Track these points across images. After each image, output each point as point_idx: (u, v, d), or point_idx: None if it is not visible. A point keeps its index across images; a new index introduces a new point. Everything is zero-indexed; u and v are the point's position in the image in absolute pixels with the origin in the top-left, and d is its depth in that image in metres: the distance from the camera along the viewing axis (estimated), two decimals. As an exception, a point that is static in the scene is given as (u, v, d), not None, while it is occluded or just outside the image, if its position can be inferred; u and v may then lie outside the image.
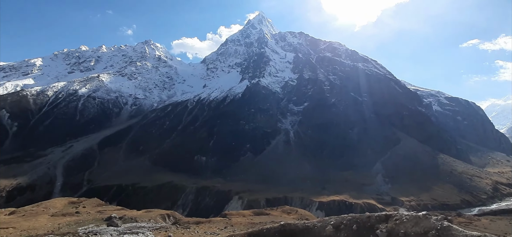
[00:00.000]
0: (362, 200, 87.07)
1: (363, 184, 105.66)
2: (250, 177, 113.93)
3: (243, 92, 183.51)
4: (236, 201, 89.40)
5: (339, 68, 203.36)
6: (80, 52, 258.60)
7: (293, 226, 8.39)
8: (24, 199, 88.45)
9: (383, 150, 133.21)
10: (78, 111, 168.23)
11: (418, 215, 6.75)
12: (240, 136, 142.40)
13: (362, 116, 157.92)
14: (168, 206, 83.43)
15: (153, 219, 28.24)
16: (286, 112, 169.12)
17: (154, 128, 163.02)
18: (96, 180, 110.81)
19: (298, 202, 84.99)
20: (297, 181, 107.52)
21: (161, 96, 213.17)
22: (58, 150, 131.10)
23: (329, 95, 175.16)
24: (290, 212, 37.67)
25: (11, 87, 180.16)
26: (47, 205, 35.31)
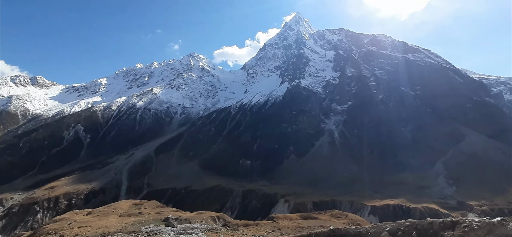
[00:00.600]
0: (421, 204, 78.84)
1: (422, 186, 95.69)
2: (295, 179, 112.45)
3: (284, 95, 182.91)
4: (282, 204, 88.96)
5: (385, 62, 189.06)
6: (136, 69, 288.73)
7: (344, 231, 8.11)
8: (98, 201, 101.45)
9: (444, 148, 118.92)
10: (136, 122, 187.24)
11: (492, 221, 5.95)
12: (283, 138, 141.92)
13: (416, 112, 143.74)
14: (217, 208, 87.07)
15: (204, 220, 29.92)
16: (329, 113, 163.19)
17: (201, 134, 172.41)
18: (154, 183, 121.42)
19: (347, 206, 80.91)
20: (346, 184, 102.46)
21: (206, 104, 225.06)
22: (122, 157, 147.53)
23: (376, 92, 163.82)
24: (340, 217, 36.13)
25: (84, 105, 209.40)
26: (116, 207, 40.04)
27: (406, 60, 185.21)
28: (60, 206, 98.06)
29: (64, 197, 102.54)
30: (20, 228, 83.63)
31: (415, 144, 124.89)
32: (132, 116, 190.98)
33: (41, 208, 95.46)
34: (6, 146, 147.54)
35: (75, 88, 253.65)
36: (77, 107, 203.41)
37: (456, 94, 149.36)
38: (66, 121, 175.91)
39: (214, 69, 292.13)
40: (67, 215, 36.36)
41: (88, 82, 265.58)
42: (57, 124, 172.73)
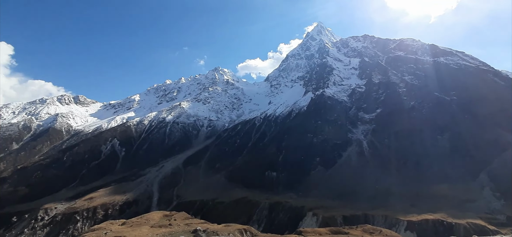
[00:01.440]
0: (465, 220, 72.26)
1: (464, 200, 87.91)
2: (323, 192, 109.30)
3: (308, 105, 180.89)
4: (310, 217, 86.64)
5: (415, 67, 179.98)
6: (165, 85, 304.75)
7: (374, 247, 8.01)
8: (131, 212, 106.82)
9: (487, 157, 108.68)
10: (166, 135, 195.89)
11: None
12: (308, 149, 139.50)
13: (453, 119, 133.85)
14: (244, 220, 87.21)
15: (232, 233, 30.39)
16: (356, 122, 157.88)
17: (227, 146, 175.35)
18: (183, 195, 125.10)
19: (381, 221, 76.65)
20: (378, 197, 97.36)
21: (231, 116, 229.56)
22: (153, 169, 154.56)
23: (406, 98, 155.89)
24: (373, 232, 34.57)
25: (119, 120, 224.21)
26: (148, 218, 42.07)
27: (438, 64, 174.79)
28: (97, 216, 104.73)
29: (101, 208, 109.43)
30: (62, 235, 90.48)
31: (454, 154, 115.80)
32: (162, 130, 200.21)
33: (81, 217, 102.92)
34: (52, 160, 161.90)
35: (111, 105, 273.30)
36: (114, 123, 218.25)
37: (498, 98, 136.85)
38: (103, 136, 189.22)
39: (238, 82, 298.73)
40: (104, 225, 38.95)
41: (123, 99, 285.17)
42: (96, 139, 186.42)
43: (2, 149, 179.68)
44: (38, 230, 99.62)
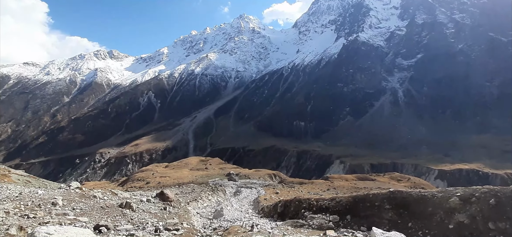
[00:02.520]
0: (503, 171, 67.99)
1: (506, 150, 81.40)
2: (351, 141, 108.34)
3: (339, 52, 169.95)
4: (338, 165, 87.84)
5: (469, 2, 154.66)
6: (191, 36, 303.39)
7: (406, 194, 7.66)
8: (171, 156, 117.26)
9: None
10: (196, 87, 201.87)
11: None
12: (338, 99, 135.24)
13: (507, 63, 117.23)
14: (273, 167, 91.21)
15: (262, 177, 31.95)
16: (392, 69, 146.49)
17: (255, 97, 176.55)
18: (216, 143, 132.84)
19: (410, 170, 75.29)
20: (410, 146, 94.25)
21: (258, 66, 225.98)
22: (187, 120, 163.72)
23: (453, 41, 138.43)
24: (401, 180, 34.09)
25: (152, 74, 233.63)
26: (187, 162, 45.78)
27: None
28: (144, 159, 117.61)
29: (146, 153, 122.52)
30: (117, 174, 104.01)
31: (503, 102, 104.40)
32: (192, 82, 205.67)
33: (130, 160, 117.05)
34: (99, 111, 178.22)
35: (143, 59, 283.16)
36: (147, 76, 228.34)
37: None
38: (140, 89, 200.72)
39: (264, 30, 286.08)
40: (150, 167, 43.49)
41: (152, 52, 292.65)
42: (133, 91, 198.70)
43: (56, 102, 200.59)
44: (98, 170, 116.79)
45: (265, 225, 8.98)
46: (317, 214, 8.96)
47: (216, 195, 16.60)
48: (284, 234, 6.45)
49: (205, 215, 12.12)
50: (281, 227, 8.16)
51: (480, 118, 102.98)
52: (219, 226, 9.91)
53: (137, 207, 9.65)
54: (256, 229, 7.62)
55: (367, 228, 7.24)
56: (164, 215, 9.59)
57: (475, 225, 5.84)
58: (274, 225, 9.07)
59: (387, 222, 7.29)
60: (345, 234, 6.57)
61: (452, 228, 6.11)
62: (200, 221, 11.04)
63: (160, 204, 11.05)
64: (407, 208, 7.30)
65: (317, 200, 9.95)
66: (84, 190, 10.63)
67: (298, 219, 9.16)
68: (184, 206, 12.06)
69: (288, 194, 18.08)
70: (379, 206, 7.90)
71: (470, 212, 6.04)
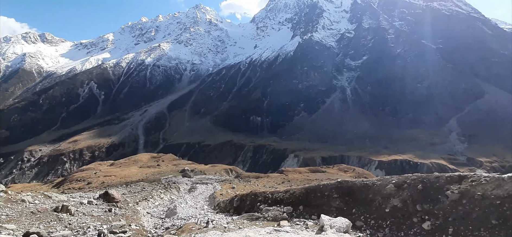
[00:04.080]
0: (429, 160, 79.58)
1: (432, 143, 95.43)
2: (305, 136, 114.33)
3: (295, 50, 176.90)
4: (292, 159, 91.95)
5: (407, 12, 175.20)
6: (141, 23, 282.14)
7: (351, 183, 8.40)
8: (118, 154, 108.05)
9: (460, 104, 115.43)
10: (147, 79, 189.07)
11: (502, 177, 5.97)
12: (293, 95, 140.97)
13: (435, 67, 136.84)
14: (229, 162, 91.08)
15: (218, 172, 31.64)
16: (342, 68, 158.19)
17: (212, 91, 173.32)
18: (169, 138, 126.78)
19: (355, 161, 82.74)
20: (355, 140, 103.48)
21: (215, 60, 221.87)
22: (136, 113, 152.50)
23: (393, 46, 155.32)
24: (347, 170, 37.24)
25: (94, 62, 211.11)
26: (136, 159, 42.63)
27: (431, 9, 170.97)
28: (84, 157, 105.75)
29: (87, 150, 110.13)
30: (52, 175, 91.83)
31: (430, 101, 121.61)
32: (142, 73, 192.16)
33: (68, 158, 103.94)
34: (28, 103, 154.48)
35: (83, 45, 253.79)
36: (88, 65, 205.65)
37: (482, 47, 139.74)
38: (79, 78, 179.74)
39: (222, 23, 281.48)
40: (93, 165, 39.29)
41: (95, 38, 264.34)
42: (71, 81, 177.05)
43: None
44: (27, 171, 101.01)
45: (221, 221, 8.90)
46: (272, 207, 9.23)
47: (169, 193, 15.86)
48: (240, 228, 6.47)
49: (156, 215, 11.47)
50: (237, 221, 8.17)
51: (412, 115, 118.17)
52: (172, 225, 9.48)
53: (77, 211, 8.66)
54: (211, 225, 7.48)
55: (318, 216, 7.70)
56: (109, 217, 8.79)
57: (406, 207, 6.70)
58: (230, 219, 9.04)
59: (335, 210, 7.92)
60: (297, 223, 6.92)
61: (388, 211, 6.92)
62: (151, 221, 10.42)
63: (104, 206, 10.09)
64: (352, 196, 8.02)
65: (272, 193, 10.23)
66: (10, 194, 9.13)
67: (254, 212, 9.30)
68: (132, 207, 11.23)
69: (244, 189, 18.24)
70: (328, 196, 8.53)
71: (403, 197, 6.92)
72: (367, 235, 6.61)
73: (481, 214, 5.58)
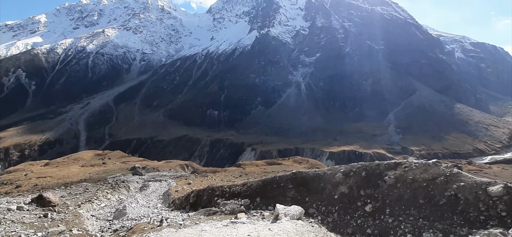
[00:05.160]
0: (372, 150, 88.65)
1: (374, 134, 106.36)
2: (262, 129, 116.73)
3: (252, 44, 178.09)
4: (249, 152, 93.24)
5: (355, 14, 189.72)
6: (81, 6, 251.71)
7: (305, 173, 8.87)
8: (54, 152, 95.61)
9: (397, 100, 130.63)
10: (89, 68, 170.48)
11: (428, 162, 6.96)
12: (251, 89, 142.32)
13: (377, 67, 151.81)
14: (185, 157, 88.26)
15: (173, 168, 30.35)
16: (297, 64, 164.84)
17: (165, 83, 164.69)
18: (117, 134, 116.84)
19: (309, 153, 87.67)
20: (309, 133, 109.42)
21: (169, 50, 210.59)
22: (76, 106, 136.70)
23: (343, 45, 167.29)
24: (301, 162, 39.23)
25: (22, 47, 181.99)
26: (76, 157, 38.29)
27: (375, 13, 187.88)
28: (11, 157, 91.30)
29: (15, 148, 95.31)
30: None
31: (373, 97, 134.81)
32: (83, 61, 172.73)
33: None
34: None
35: (9, 27, 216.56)
36: (15, 50, 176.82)
37: (415, 50, 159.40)
38: (3, 65, 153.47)
39: (175, 11, 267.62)
40: (22, 166, 34.06)
41: (23, 19, 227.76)
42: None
43: None
44: None
45: (176, 218, 8.56)
46: (229, 200, 9.24)
47: (118, 193, 14.66)
48: (196, 223, 6.31)
49: (103, 217, 10.50)
50: (193, 217, 7.96)
51: (358, 109, 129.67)
52: (122, 226, 8.79)
53: (4, 218, 7.42)
54: (165, 223, 7.15)
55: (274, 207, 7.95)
56: (44, 224, 7.73)
57: (352, 193, 7.37)
58: (186, 216, 8.76)
59: (290, 199, 8.29)
60: (254, 215, 7.07)
61: (337, 198, 7.53)
62: (97, 224, 9.50)
63: (38, 211, 8.85)
64: (305, 185, 8.50)
65: (230, 186, 10.23)
66: None
67: (211, 207, 9.18)
68: (73, 210, 10.08)
69: (201, 184, 17.86)
70: (284, 186, 8.88)
71: (349, 184, 7.58)
72: (318, 221, 7.09)
73: (412, 195, 6.42)
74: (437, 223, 5.62)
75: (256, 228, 5.13)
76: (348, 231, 6.65)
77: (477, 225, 5.22)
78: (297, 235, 4.77)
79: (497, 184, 5.57)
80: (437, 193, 6.12)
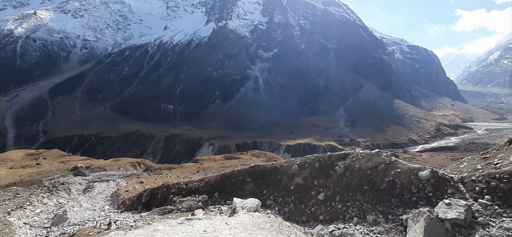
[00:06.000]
0: (325, 142, 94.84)
1: (327, 128, 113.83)
2: (220, 124, 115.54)
3: (210, 37, 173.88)
4: (207, 147, 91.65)
5: (310, 12, 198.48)
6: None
7: (262, 167, 9.06)
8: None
9: (347, 96, 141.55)
10: (17, 55, 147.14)
11: (371, 152, 7.69)
12: (208, 83, 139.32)
13: (330, 64, 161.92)
14: (137, 154, 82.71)
15: (122, 167, 28.19)
16: (255, 59, 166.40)
17: (112, 74, 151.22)
18: (54, 130, 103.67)
19: (266, 146, 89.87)
20: (266, 127, 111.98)
21: (116, 38, 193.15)
22: (3, 99, 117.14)
23: (299, 42, 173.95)
24: (259, 155, 40.03)
25: None
26: (3, 158, 32.98)
27: (328, 13, 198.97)
28: None
29: None
30: None
31: (326, 92, 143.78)
32: (10, 47, 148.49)
33: None
34: None
35: None
36: None
37: (362, 50, 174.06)
38: None
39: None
40: None
41: None
42: None
43: None
44: None
45: (127, 219, 7.97)
46: (186, 197, 8.96)
47: (56, 196, 13.01)
48: (149, 224, 5.96)
49: (38, 224, 9.22)
50: (146, 218, 7.52)
51: (312, 104, 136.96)
52: (62, 233, 7.83)
53: None
54: (114, 226, 6.58)
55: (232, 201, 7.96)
56: (-42, 238, 6.46)
57: (306, 183, 7.79)
58: (138, 217, 8.24)
59: (248, 193, 8.39)
60: (212, 210, 6.99)
61: (293, 188, 7.88)
62: (31, 233, 8.31)
63: (-52, 224, 7.34)
64: (263, 178, 8.69)
65: (187, 183, 9.91)
66: None
67: (166, 206, 8.80)
68: (2, 218, 8.65)
69: (155, 182, 16.96)
70: (242, 180, 8.94)
71: (304, 175, 7.99)
72: (275, 211, 7.32)
73: (358, 182, 7.05)
74: (378, 206, 6.26)
75: (212, 223, 5.07)
76: (302, 219, 7.02)
77: (410, 205, 5.96)
78: (254, 226, 4.84)
79: (425, 169, 6.43)
80: (379, 179, 6.82)
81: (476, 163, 7.25)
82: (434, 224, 4.82)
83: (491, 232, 4.69)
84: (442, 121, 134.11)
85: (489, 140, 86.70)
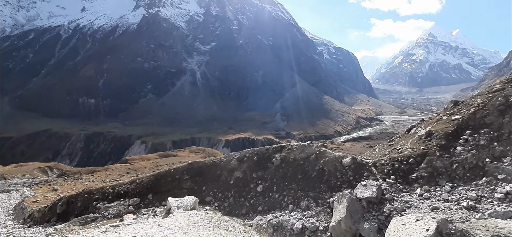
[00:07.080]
0: (262, 136, 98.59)
1: (264, 122, 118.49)
2: (153, 120, 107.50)
3: (139, 24, 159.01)
4: (139, 145, 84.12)
5: (248, 8, 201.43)
6: None
7: (201, 163, 8.81)
8: None
9: (282, 91, 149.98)
10: None
11: (304, 144, 8.34)
12: (138, 75, 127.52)
13: (267, 60, 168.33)
14: (48, 158, 70.20)
15: (29, 173, 23.48)
16: (192, 51, 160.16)
17: (12, 61, 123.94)
18: None
19: (205, 142, 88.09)
20: (205, 122, 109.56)
21: (16, 18, 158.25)
22: None
23: (237, 36, 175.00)
24: (198, 152, 38.93)
25: None
26: None
27: (265, 11, 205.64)
28: None
29: None
30: None
31: (263, 87, 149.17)
32: None
33: None
34: None
35: None
36: None
37: (296, 48, 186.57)
38: None
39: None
40: None
41: None
42: None
43: None
44: None
45: (37, 235, 6.69)
46: (114, 202, 8.02)
47: None
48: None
49: None
50: (62, 230, 6.43)
51: (251, 99, 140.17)
52: None
53: None
54: (17, 246, 5.40)
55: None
56: None
57: (245, 177, 7.93)
58: (51, 230, 7.00)
59: (186, 191, 8.04)
60: (144, 214, 6.44)
61: (232, 183, 7.91)
62: None
63: None
64: (202, 175, 8.44)
65: (114, 186, 8.85)
66: None
67: (88, 214, 7.69)
68: None
69: (73, 188, 14.66)
70: (179, 178, 8.49)
71: (243, 168, 8.11)
72: (215, 207, 7.22)
73: (293, 172, 7.55)
74: (310, 192, 6.85)
75: (143, 227, 4.60)
76: (242, 212, 7.13)
77: (336, 189, 6.70)
78: (191, 225, 4.64)
79: (347, 157, 7.33)
80: (310, 168, 7.45)
81: (384, 149, 8.64)
82: (354, 203, 5.54)
83: (395, 205, 5.67)
84: (360, 115, 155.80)
85: (394, 129, 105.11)
